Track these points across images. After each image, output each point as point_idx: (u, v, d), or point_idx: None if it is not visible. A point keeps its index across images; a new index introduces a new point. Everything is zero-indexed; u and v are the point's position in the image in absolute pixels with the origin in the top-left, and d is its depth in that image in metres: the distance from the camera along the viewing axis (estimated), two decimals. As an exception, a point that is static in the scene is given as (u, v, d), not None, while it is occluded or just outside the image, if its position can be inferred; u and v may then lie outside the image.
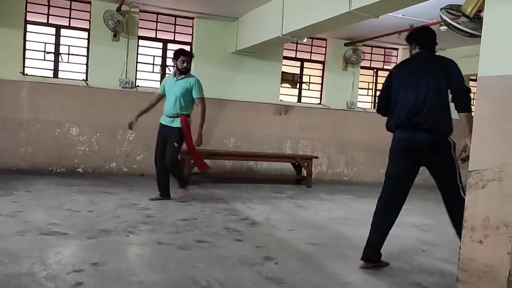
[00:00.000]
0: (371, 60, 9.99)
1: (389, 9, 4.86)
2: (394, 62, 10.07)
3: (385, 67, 10.15)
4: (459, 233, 3.26)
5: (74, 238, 3.78)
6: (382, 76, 10.13)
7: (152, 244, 3.82)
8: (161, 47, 8.35)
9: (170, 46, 8.37)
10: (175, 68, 5.56)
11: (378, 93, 9.95)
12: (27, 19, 7.53)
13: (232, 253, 3.70)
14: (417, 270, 3.62)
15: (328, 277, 3.28)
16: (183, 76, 5.49)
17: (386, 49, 10.03)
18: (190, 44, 8.43)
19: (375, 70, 10.06)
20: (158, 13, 8.19)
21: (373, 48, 9.88)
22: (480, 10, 3.30)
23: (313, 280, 3.18)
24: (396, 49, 9.94)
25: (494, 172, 2.93)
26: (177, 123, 5.48)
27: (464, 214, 3.18)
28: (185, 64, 5.45)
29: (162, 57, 8.35)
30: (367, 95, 10.10)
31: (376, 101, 3.99)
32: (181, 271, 3.18)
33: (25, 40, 7.51)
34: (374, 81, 10.08)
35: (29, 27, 7.59)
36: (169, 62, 8.39)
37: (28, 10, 7.51)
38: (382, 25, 7.48)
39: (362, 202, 6.90)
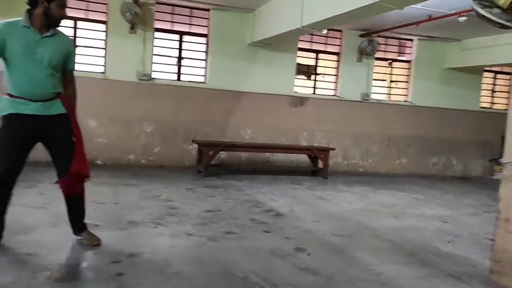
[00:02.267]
0: (385, 51, 9.93)
1: (414, 1, 4.82)
2: (408, 53, 10.02)
3: (400, 58, 10.10)
4: None
5: (105, 230, 3.82)
6: (397, 67, 10.10)
7: (181, 235, 3.86)
8: (177, 39, 8.34)
9: (185, 38, 8.37)
10: (41, 14, 3.01)
11: (392, 84, 9.98)
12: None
13: (262, 244, 3.74)
14: (446, 261, 3.64)
15: (361, 268, 3.31)
16: (53, 31, 3.11)
17: (401, 40, 9.96)
18: (206, 35, 8.42)
19: (390, 61, 10.00)
20: (174, 5, 8.17)
21: (388, 39, 9.81)
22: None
23: (347, 271, 3.22)
24: (411, 40, 9.87)
25: (531, 164, 2.94)
26: (59, 108, 3.19)
27: (498, 205, 3.20)
28: (64, 12, 3.13)
29: (178, 49, 8.35)
30: (382, 86, 10.06)
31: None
32: (215, 262, 3.23)
33: (43, 33, 7.52)
34: (389, 72, 10.03)
35: (47, 20, 7.59)
36: (185, 54, 8.41)
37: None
38: (399, 15, 7.42)
39: (380, 194, 6.91)
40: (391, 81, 10.10)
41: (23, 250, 3.14)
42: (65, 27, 7.67)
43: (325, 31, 8.23)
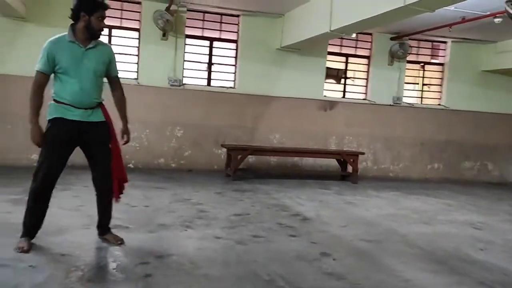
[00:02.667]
0: (418, 54, 9.76)
1: (445, 3, 4.75)
2: (442, 56, 9.82)
3: (433, 60, 9.91)
4: None
5: (136, 232, 3.93)
6: (429, 70, 9.91)
7: (210, 238, 3.92)
8: (208, 45, 8.48)
9: (216, 44, 8.50)
10: (83, 28, 3.21)
11: (424, 87, 9.77)
12: (81, 20, 7.81)
13: (289, 248, 3.76)
14: (478, 269, 3.55)
15: (388, 274, 3.27)
16: (95, 42, 3.29)
17: (433, 43, 9.77)
18: (235, 41, 8.52)
19: (422, 64, 9.82)
20: (204, 12, 8.32)
21: (420, 41, 9.65)
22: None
23: (374, 276, 3.19)
24: (445, 42, 9.67)
25: None
26: (99, 116, 3.39)
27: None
28: (103, 24, 3.31)
29: (208, 55, 8.48)
30: (414, 89, 9.89)
31: None
32: (242, 265, 3.26)
33: (79, 41, 7.80)
34: (421, 76, 9.85)
35: (83, 28, 7.86)
36: (215, 59, 8.53)
37: (81, 11, 7.79)
38: (431, 18, 7.28)
39: (411, 199, 6.79)
40: (424, 85, 9.92)
41: (57, 250, 3.27)
42: (101, 35, 7.94)
43: (354, 35, 8.17)
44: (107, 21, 7.86)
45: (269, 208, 5.35)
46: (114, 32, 8.01)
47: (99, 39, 3.33)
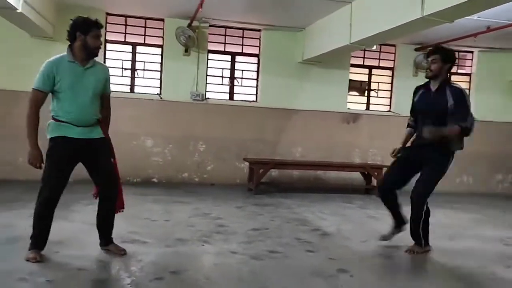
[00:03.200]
0: (443, 65, 9.56)
1: (465, 13, 4.66)
2: (468, 66, 9.60)
3: (459, 71, 9.69)
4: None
5: (153, 247, 3.97)
6: (456, 81, 9.68)
7: (226, 253, 3.91)
8: (230, 59, 8.57)
9: (238, 58, 8.59)
10: (81, 46, 3.36)
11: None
12: (106, 38, 8.05)
13: (305, 264, 3.70)
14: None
15: (406, 292, 3.18)
16: (92, 62, 3.45)
17: (460, 53, 9.56)
18: (257, 55, 8.59)
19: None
20: (226, 27, 8.43)
21: (446, 52, 9.46)
22: None
23: (390, 295, 3.11)
24: (471, 52, 9.45)
25: None
26: (99, 132, 3.52)
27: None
28: (99, 42, 3.44)
29: (230, 69, 8.57)
30: (440, 101, 9.68)
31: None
32: (257, 282, 3.23)
33: (104, 58, 8.03)
34: (447, 86, 9.64)
35: (108, 46, 8.11)
36: (238, 74, 8.61)
37: (107, 30, 8.04)
38: (455, 28, 7.16)
39: (436, 213, 6.52)
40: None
41: (75, 265, 3.33)
42: (125, 52, 8.17)
43: (374, 47, 8.09)
44: (131, 39, 8.20)
45: (288, 223, 5.31)
46: (138, 49, 8.20)
47: (96, 58, 3.46)
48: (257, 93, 8.62)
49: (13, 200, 5.77)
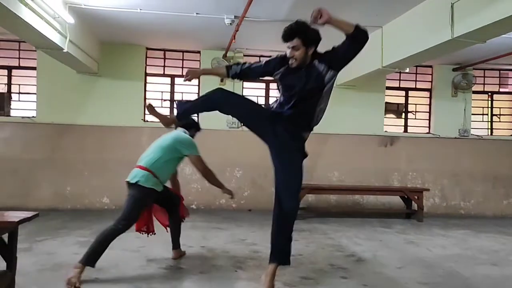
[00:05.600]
0: (484, 84, 9.34)
1: (496, 33, 4.59)
2: (511, 84, 9.31)
3: (502, 90, 9.41)
4: None
5: (187, 273, 4.06)
6: (499, 100, 9.41)
7: (258, 280, 3.94)
8: (264, 87, 8.75)
9: (272, 86, 8.75)
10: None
11: (487, 117, 9.20)
12: (147, 71, 8.47)
13: (337, 291, 3.67)
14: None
15: (440, 321, 3.09)
16: None
17: (501, 71, 9.31)
18: (291, 82, 8.72)
19: (489, 94, 9.37)
20: (260, 56, 8.64)
21: (486, 71, 9.24)
22: None
23: (423, 323, 3.03)
24: (513, 70, 9.19)
25: None
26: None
27: None
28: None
29: (265, 96, 8.74)
30: (482, 121, 9.41)
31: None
32: (287, 308, 3.24)
33: (145, 91, 8.42)
34: (490, 106, 9.37)
35: (149, 79, 8.51)
36: (273, 101, 8.75)
37: (147, 64, 8.46)
38: (494, 46, 7.03)
39: (481, 238, 6.35)
40: (493, 115, 9.41)
41: (112, 289, 3.48)
42: (163, 84, 8.53)
43: (407, 69, 8.00)
44: (170, 71, 8.76)
45: (323, 249, 5.27)
46: (177, 80, 8.55)
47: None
48: (292, 119, 8.71)
49: (59, 228, 6.08)
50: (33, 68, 8.13)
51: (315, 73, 3.28)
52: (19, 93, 8.27)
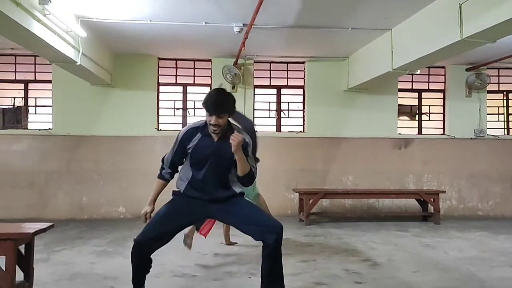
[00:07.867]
0: (499, 83, 9.22)
1: (506, 33, 4.53)
2: (526, 82, 9.17)
3: (513, 89, 9.28)
4: None
5: (201, 280, 4.09)
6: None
7: (272, 286, 3.94)
8: (275, 93, 8.78)
9: (283, 91, 8.78)
10: None
11: (502, 117, 9.06)
12: (159, 81, 8.57)
13: (351, 296, 3.66)
14: None
15: (455, 325, 3.05)
16: None
17: (514, 70, 9.19)
18: (302, 87, 8.74)
19: (504, 93, 9.23)
20: (271, 62, 8.69)
21: (500, 69, 9.12)
22: None
23: (437, 327, 2.99)
24: (528, 68, 9.05)
25: None
26: None
27: None
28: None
29: (276, 102, 8.77)
30: (498, 120, 9.27)
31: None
32: (300, 314, 3.24)
33: (158, 100, 8.53)
34: (505, 105, 9.24)
35: (161, 88, 8.62)
36: (284, 106, 8.78)
37: (160, 73, 8.58)
38: (508, 45, 6.94)
39: (499, 240, 6.24)
40: (509, 114, 9.27)
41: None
42: (175, 93, 8.63)
43: (418, 71, 7.94)
44: (181, 80, 8.82)
45: (337, 253, 5.25)
46: (189, 89, 8.63)
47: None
48: (304, 123, 8.72)
49: (76, 237, 6.17)
50: (49, 82, 8.30)
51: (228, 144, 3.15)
52: (36, 106, 8.45)
